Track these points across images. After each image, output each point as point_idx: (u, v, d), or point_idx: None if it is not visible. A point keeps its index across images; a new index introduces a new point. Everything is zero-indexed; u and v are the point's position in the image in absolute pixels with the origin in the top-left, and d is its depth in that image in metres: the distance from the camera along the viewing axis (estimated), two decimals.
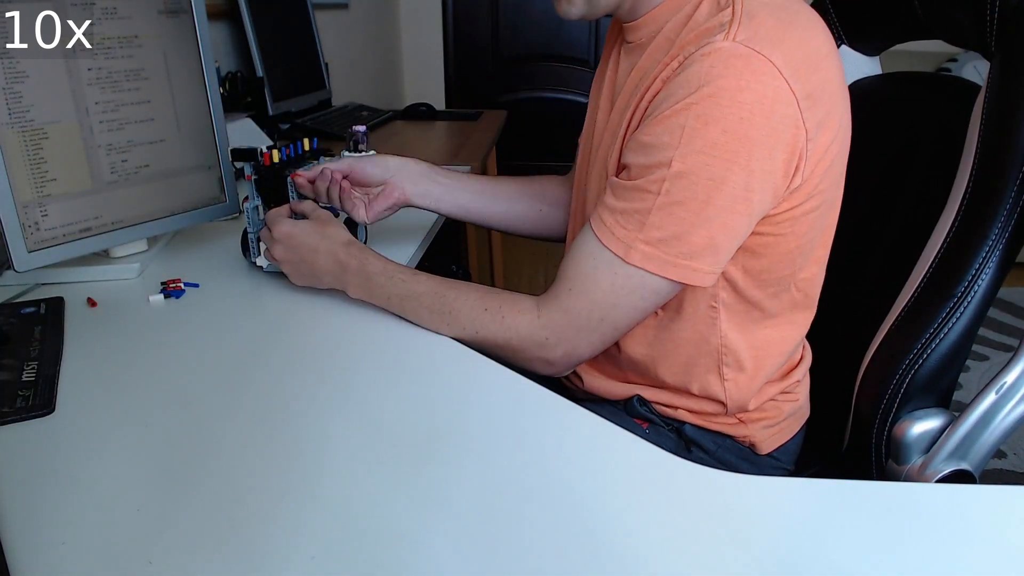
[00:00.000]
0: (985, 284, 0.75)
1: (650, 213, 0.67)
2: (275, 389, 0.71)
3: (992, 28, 0.76)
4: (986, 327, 2.37)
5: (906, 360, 0.78)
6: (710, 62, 0.64)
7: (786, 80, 0.64)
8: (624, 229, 0.69)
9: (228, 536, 0.52)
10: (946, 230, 0.79)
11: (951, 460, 0.76)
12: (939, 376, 0.78)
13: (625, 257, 0.69)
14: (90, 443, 0.63)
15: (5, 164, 0.85)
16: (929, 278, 0.79)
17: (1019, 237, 0.75)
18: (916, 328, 0.78)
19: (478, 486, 0.57)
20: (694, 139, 0.64)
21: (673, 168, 0.65)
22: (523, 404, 0.69)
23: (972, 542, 0.52)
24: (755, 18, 0.65)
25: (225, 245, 1.11)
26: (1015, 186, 0.73)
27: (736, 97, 0.63)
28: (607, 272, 0.70)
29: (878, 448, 0.80)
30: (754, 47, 0.63)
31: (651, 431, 0.84)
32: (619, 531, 0.52)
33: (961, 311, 0.76)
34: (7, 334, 0.80)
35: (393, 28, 3.56)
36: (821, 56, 0.67)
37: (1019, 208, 0.74)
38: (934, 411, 0.79)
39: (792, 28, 0.66)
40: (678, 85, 0.65)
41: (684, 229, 0.67)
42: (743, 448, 0.85)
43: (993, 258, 0.75)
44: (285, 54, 1.90)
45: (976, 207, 0.77)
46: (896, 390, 0.78)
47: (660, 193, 0.66)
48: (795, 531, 0.53)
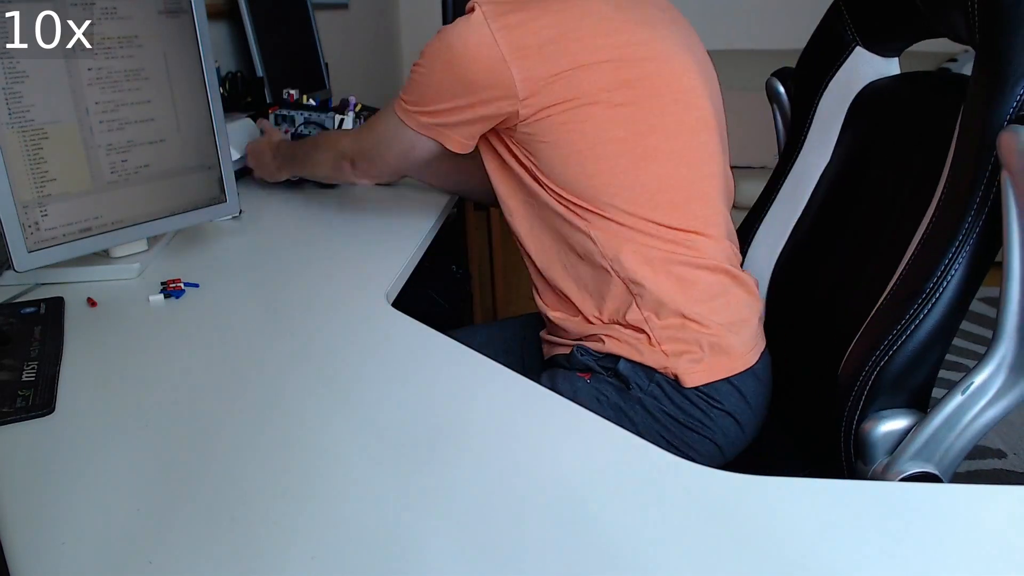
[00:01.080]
0: (955, 281, 0.73)
1: None
2: (275, 389, 0.71)
3: (975, 23, 0.75)
4: (971, 340, 2.35)
5: (872, 357, 0.77)
6: None
7: None
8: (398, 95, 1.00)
9: (228, 536, 0.52)
10: (923, 229, 0.78)
11: (915, 461, 0.74)
12: (907, 375, 0.76)
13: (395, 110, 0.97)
14: (90, 443, 0.63)
15: (5, 164, 0.85)
16: (903, 277, 0.79)
17: (990, 235, 0.73)
18: (885, 326, 0.77)
19: (478, 486, 0.57)
20: None
21: None
22: (523, 404, 0.69)
23: (973, 542, 0.52)
24: None
25: (225, 245, 1.11)
26: (983, 181, 0.72)
27: None
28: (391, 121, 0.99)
29: (847, 447, 0.80)
30: None
31: (592, 381, 0.89)
32: (618, 531, 0.52)
33: (928, 307, 0.74)
34: (7, 334, 0.80)
35: (393, 28, 3.56)
36: None
37: (988, 205, 0.72)
38: (902, 411, 0.77)
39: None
40: None
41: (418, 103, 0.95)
42: (669, 380, 0.87)
43: (963, 254, 0.73)
44: (285, 54, 1.90)
45: (948, 205, 0.76)
46: (862, 388, 0.77)
47: None
48: (794, 530, 0.52)
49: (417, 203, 1.33)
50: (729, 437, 0.89)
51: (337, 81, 2.31)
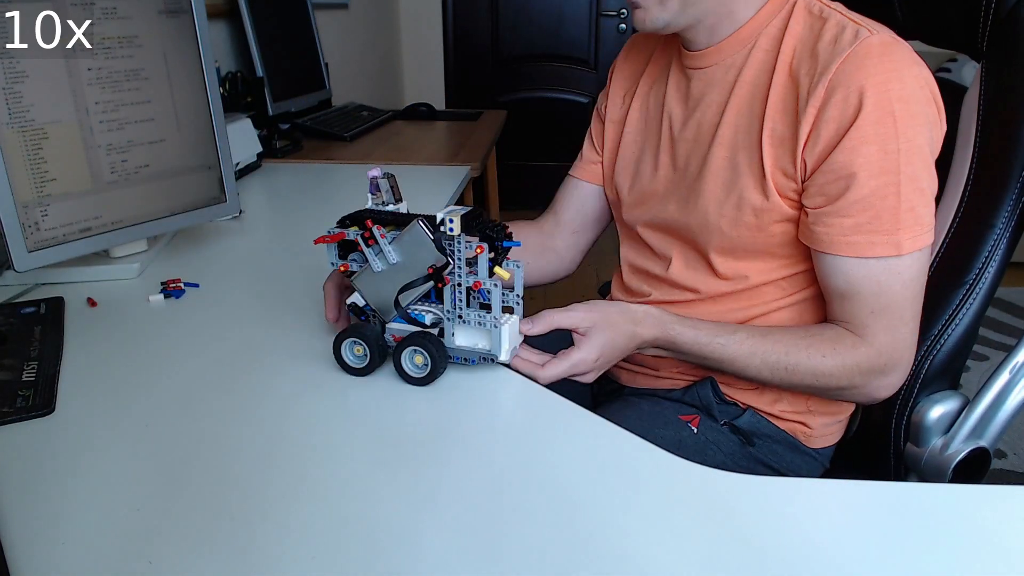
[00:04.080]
0: (994, 271, 0.80)
1: (900, 202, 0.71)
2: (275, 388, 0.71)
3: (984, 31, 0.80)
4: (986, 327, 2.38)
5: (923, 347, 0.81)
6: (875, 52, 0.70)
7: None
8: (882, 233, 0.72)
9: (228, 536, 0.52)
10: (948, 223, 0.83)
11: (970, 439, 0.80)
12: (953, 360, 0.82)
13: (899, 252, 0.72)
14: (90, 443, 0.63)
15: (5, 164, 0.85)
16: (936, 268, 0.82)
17: (1022, 227, 0.80)
18: (932, 316, 0.81)
19: (478, 486, 0.57)
20: (902, 115, 0.70)
21: (902, 151, 0.70)
22: (523, 404, 0.69)
23: (972, 542, 0.52)
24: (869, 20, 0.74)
25: (225, 245, 1.11)
26: (1018, 182, 0.79)
27: (912, 70, 0.71)
28: (892, 276, 0.73)
29: (897, 432, 0.83)
30: (896, 37, 0.72)
31: (701, 429, 0.85)
32: (619, 531, 0.52)
33: (973, 297, 0.80)
34: (7, 334, 0.80)
35: (393, 28, 3.56)
36: None
37: (1023, 201, 0.79)
38: (949, 393, 0.82)
39: None
40: (851, 84, 0.70)
41: (927, 197, 0.73)
42: (792, 439, 0.87)
43: (1001, 246, 0.80)
44: (285, 54, 1.90)
45: (978, 201, 0.81)
46: (915, 376, 0.81)
47: (900, 180, 0.71)
48: (794, 530, 0.52)
49: (418, 203, 1.33)
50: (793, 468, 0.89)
51: (337, 81, 2.31)
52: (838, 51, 0.71)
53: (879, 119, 0.70)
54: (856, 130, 0.70)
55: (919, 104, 0.71)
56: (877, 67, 0.70)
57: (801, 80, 0.74)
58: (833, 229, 0.73)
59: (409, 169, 1.56)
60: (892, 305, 0.74)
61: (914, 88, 0.70)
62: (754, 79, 0.79)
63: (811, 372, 0.76)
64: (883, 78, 0.69)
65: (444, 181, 1.49)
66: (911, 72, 0.71)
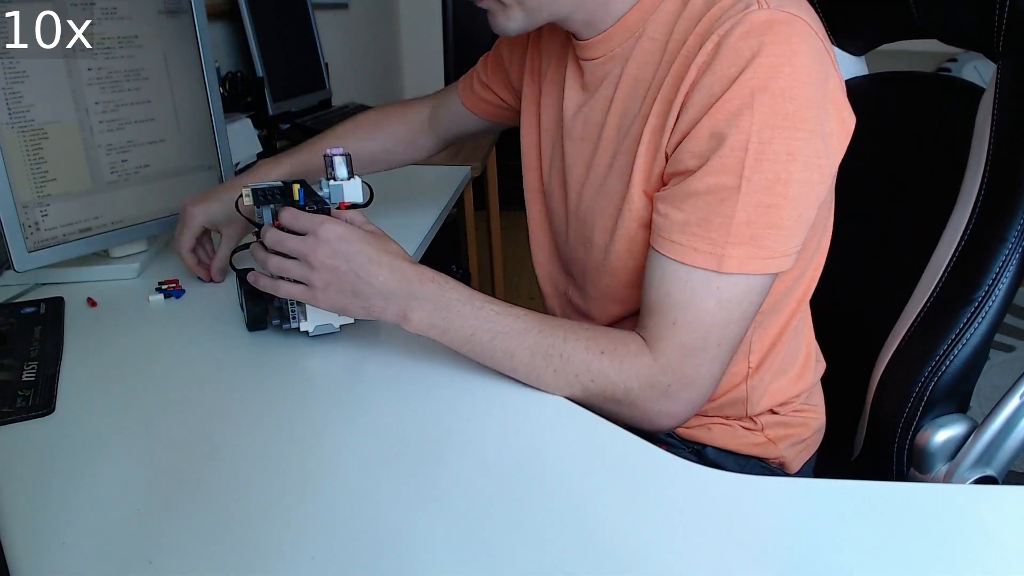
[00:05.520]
0: (1005, 288, 0.74)
1: (735, 212, 0.61)
2: (274, 388, 0.71)
3: (1001, 30, 0.75)
4: None
5: (928, 367, 0.76)
6: (755, 32, 0.59)
7: (823, 44, 0.62)
8: (707, 240, 0.62)
9: (228, 536, 0.52)
10: (959, 233, 0.77)
11: (977, 467, 0.74)
12: (961, 382, 0.76)
13: (720, 269, 0.62)
14: (90, 443, 0.63)
15: (5, 164, 0.85)
16: (945, 282, 0.77)
17: None
18: (936, 334, 0.76)
19: (478, 486, 0.57)
20: (763, 114, 0.59)
21: (750, 152, 0.60)
22: (522, 404, 0.68)
23: (972, 542, 0.52)
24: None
25: None
26: None
27: (793, 61, 0.59)
28: (708, 290, 0.63)
29: (899, 456, 0.78)
30: (791, 11, 0.60)
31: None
32: (619, 531, 0.52)
33: (982, 316, 0.74)
34: (7, 334, 0.80)
35: (393, 28, 3.56)
36: None
37: None
38: (956, 417, 0.77)
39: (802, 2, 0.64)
40: (722, 67, 0.60)
41: (774, 217, 0.61)
42: (774, 470, 0.82)
43: (1013, 261, 0.73)
44: (285, 54, 1.90)
45: (991, 211, 0.75)
46: (919, 398, 0.76)
47: (741, 185, 0.60)
48: (794, 530, 0.52)
49: (417, 203, 1.33)
50: None
51: (337, 81, 2.31)
52: (715, 28, 0.61)
53: (738, 110, 0.59)
54: (709, 117, 0.61)
55: (799, 102, 0.59)
56: (756, 50, 0.59)
57: (677, 69, 0.65)
58: (664, 220, 0.64)
59: (409, 169, 1.55)
60: (697, 322, 0.63)
61: (797, 79, 0.59)
62: (640, 75, 0.70)
63: (586, 367, 0.65)
64: (760, 65, 0.59)
65: (444, 181, 1.49)
66: (798, 61, 0.59)
